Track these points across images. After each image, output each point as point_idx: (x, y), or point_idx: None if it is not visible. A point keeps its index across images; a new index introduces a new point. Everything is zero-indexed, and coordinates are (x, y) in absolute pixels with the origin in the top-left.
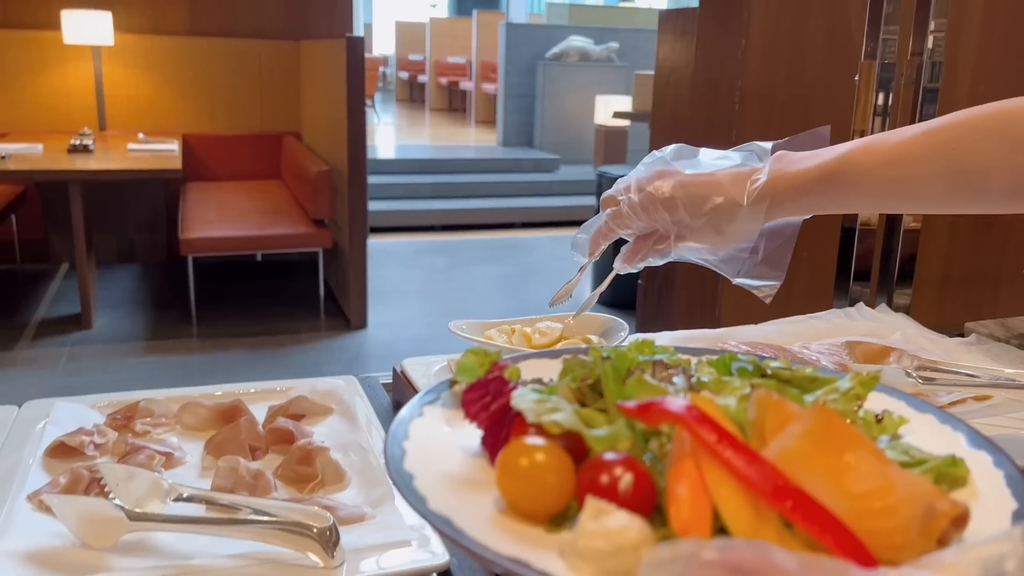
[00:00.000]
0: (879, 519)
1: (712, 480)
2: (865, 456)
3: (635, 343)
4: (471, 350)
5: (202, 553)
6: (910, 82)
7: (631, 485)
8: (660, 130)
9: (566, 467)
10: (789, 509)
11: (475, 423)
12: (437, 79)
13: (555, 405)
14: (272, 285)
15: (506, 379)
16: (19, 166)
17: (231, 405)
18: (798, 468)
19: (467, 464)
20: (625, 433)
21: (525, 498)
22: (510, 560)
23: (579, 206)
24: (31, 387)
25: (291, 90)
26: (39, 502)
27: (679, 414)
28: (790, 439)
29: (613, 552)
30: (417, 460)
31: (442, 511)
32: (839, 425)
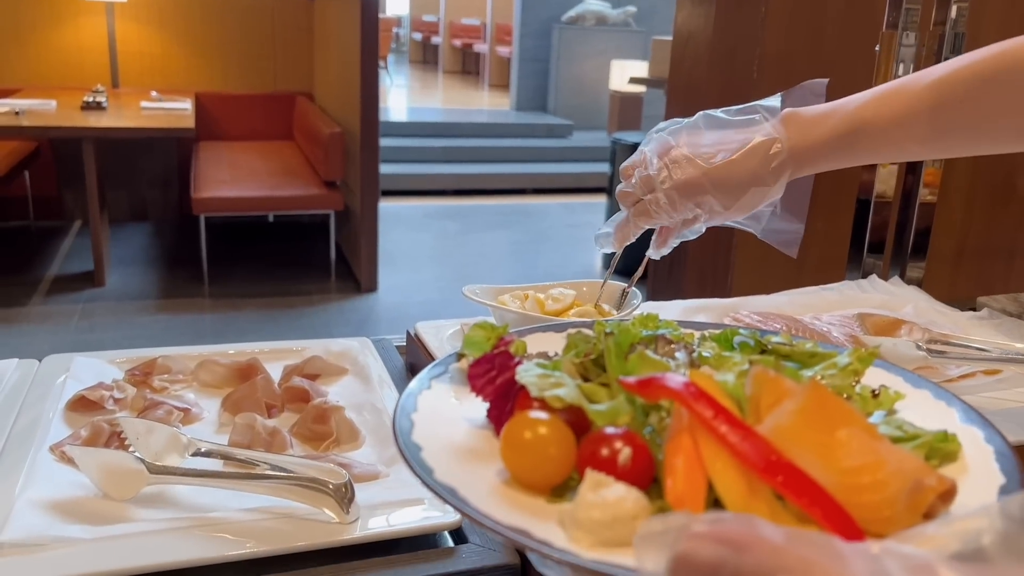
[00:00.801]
0: (868, 493)
1: (708, 454)
2: (856, 432)
3: (639, 317)
4: (478, 324)
5: (220, 506)
6: (931, 53)
7: (629, 458)
8: (676, 97)
9: (567, 440)
10: (780, 483)
11: (480, 396)
12: (451, 41)
13: (558, 380)
14: (283, 246)
15: (511, 354)
16: (33, 122)
17: (247, 363)
18: (791, 443)
19: (473, 436)
20: (625, 408)
21: (528, 470)
22: (511, 529)
23: (592, 172)
24: (45, 343)
25: (304, 50)
26: (61, 453)
27: (677, 390)
28: (784, 415)
29: (610, 522)
30: (425, 432)
31: (447, 482)
32: (832, 402)
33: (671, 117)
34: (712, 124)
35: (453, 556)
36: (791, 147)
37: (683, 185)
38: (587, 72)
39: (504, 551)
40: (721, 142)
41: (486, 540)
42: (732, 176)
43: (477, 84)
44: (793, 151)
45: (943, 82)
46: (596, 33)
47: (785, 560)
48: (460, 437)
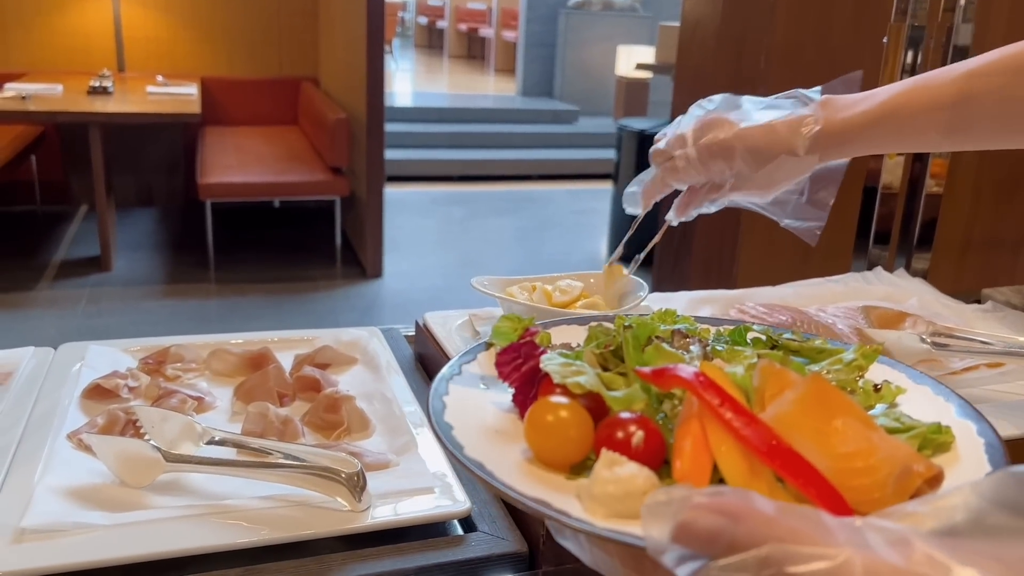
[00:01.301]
0: (859, 477)
1: (714, 438)
2: (852, 422)
3: (658, 312)
4: (506, 316)
5: (234, 494)
6: (939, 44)
7: (642, 440)
8: (684, 84)
9: (586, 423)
10: (779, 466)
11: (507, 382)
12: (456, 25)
13: (579, 368)
14: (289, 232)
15: (536, 344)
16: (39, 107)
17: (259, 352)
18: (791, 430)
19: (499, 418)
20: (640, 395)
21: (549, 449)
22: (533, 500)
23: (598, 159)
24: (52, 327)
25: (309, 34)
26: (79, 441)
27: (688, 379)
28: (785, 404)
29: (622, 497)
30: (455, 413)
31: (476, 457)
32: (831, 393)
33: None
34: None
35: (463, 544)
36: (824, 124)
37: (714, 143)
38: (593, 57)
39: (513, 540)
40: (761, 114)
41: (495, 529)
42: (763, 140)
43: (483, 69)
44: (826, 128)
45: (973, 74)
46: (603, 18)
47: (776, 530)
48: (487, 419)
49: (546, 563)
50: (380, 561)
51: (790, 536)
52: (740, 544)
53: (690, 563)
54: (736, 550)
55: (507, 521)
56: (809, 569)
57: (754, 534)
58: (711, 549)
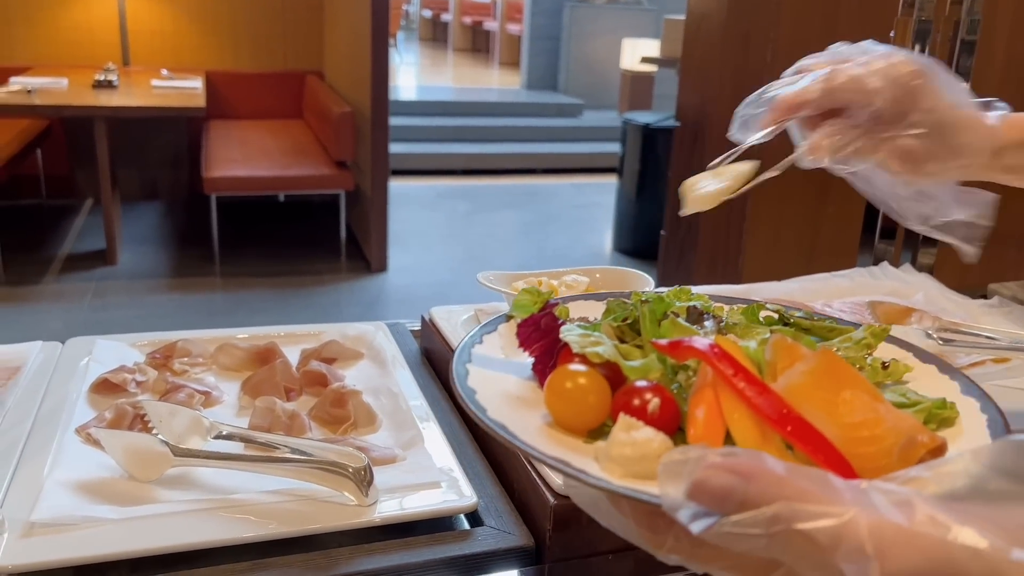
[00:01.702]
0: (865, 445)
1: (727, 406)
2: (860, 394)
3: (673, 290)
4: (526, 289)
5: (242, 488)
6: (946, 39)
7: (658, 407)
8: (689, 78)
9: (604, 390)
10: (789, 432)
11: (527, 352)
12: (461, 18)
13: (597, 339)
14: (294, 226)
15: (556, 316)
16: (45, 101)
17: (265, 347)
18: (801, 400)
19: (519, 386)
20: (656, 365)
21: (568, 414)
22: (554, 458)
23: (603, 152)
24: (59, 321)
25: (314, 28)
26: (87, 435)
27: (703, 350)
28: (796, 375)
29: (638, 459)
30: (478, 379)
31: (500, 419)
32: (840, 366)
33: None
34: None
35: (469, 539)
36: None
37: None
38: (598, 51)
39: (519, 534)
40: None
41: (502, 523)
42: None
43: (487, 62)
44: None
45: None
46: (607, 11)
47: (786, 489)
48: (508, 386)
49: (552, 557)
50: (387, 555)
51: (799, 495)
52: (751, 502)
53: (703, 519)
54: (747, 508)
55: (513, 516)
56: (816, 526)
57: (765, 493)
58: (724, 506)
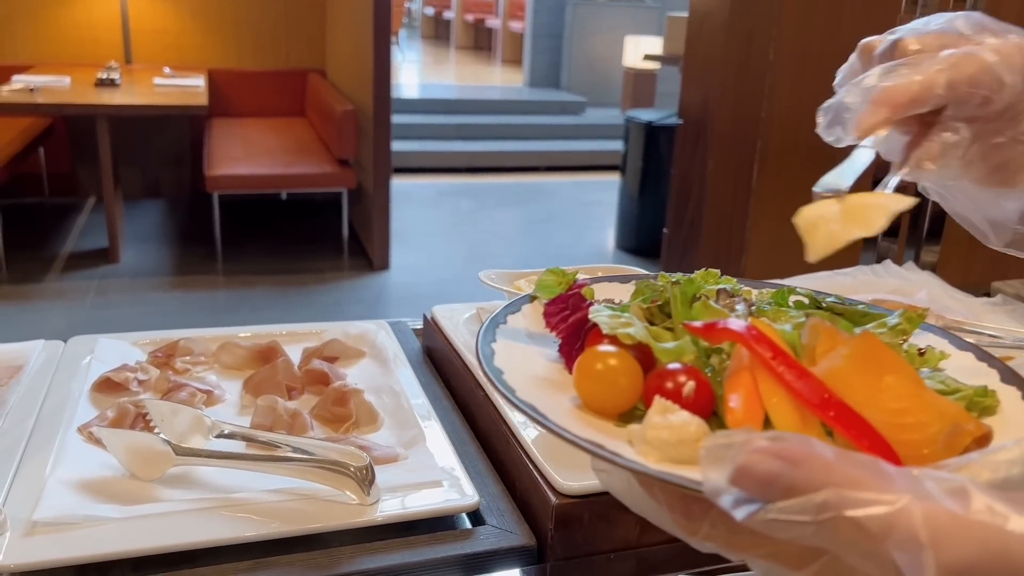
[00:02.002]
0: (909, 432)
1: (765, 390)
2: (902, 379)
3: (701, 272)
4: (550, 269)
5: (243, 487)
6: None
7: (693, 390)
8: (691, 75)
9: (636, 372)
10: (832, 418)
11: (554, 333)
12: (463, 15)
13: (628, 320)
14: (296, 224)
15: (584, 296)
16: (47, 99)
17: (267, 346)
18: (842, 385)
19: (546, 367)
20: (690, 347)
21: (599, 397)
22: (587, 441)
23: (605, 150)
24: (62, 319)
25: (316, 26)
26: (89, 434)
27: (740, 332)
28: (837, 359)
29: (675, 443)
30: (504, 359)
31: (529, 400)
32: (882, 350)
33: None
34: None
35: (471, 538)
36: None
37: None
38: (601, 48)
39: (521, 533)
40: None
41: (504, 522)
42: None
43: (490, 60)
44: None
45: None
46: (610, 8)
47: (834, 476)
48: (535, 368)
49: (554, 557)
50: (389, 554)
51: (848, 482)
52: (798, 488)
53: (747, 505)
54: (794, 494)
55: (515, 515)
56: (867, 513)
57: (812, 479)
58: (769, 492)
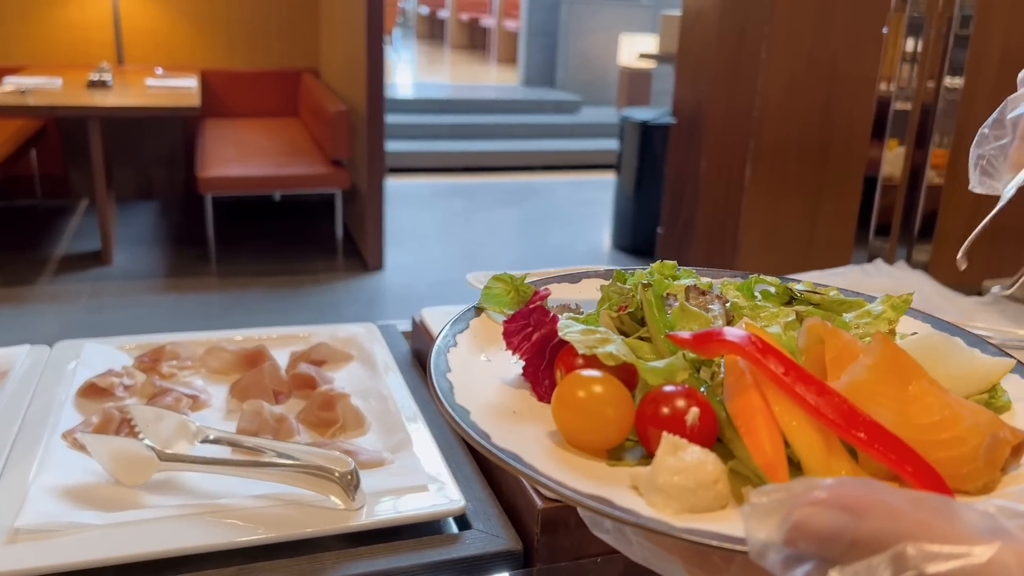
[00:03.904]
0: (947, 449)
1: (781, 413)
2: (926, 386)
3: (657, 265)
4: (496, 276)
5: (228, 493)
6: (940, 35)
7: (698, 418)
8: (685, 74)
9: (625, 400)
10: (864, 441)
11: (517, 354)
12: (458, 15)
13: (604, 336)
14: (290, 225)
15: (547, 310)
16: (39, 101)
17: (254, 350)
18: (866, 400)
19: (511, 396)
20: (682, 364)
21: (584, 431)
22: (593, 498)
23: (601, 149)
24: (55, 322)
25: (310, 26)
26: (73, 440)
27: (743, 346)
28: (860, 371)
29: (694, 488)
30: (465, 393)
31: (508, 446)
32: (901, 356)
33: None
34: None
35: (457, 542)
36: None
37: None
38: (596, 47)
39: (507, 537)
40: None
41: (490, 527)
42: None
43: (484, 59)
44: None
45: None
46: (605, 7)
47: (904, 524)
48: (498, 397)
49: (540, 561)
50: (374, 560)
51: (923, 531)
52: (863, 543)
53: (800, 566)
54: (858, 549)
55: (501, 519)
56: (953, 568)
57: (880, 531)
58: (828, 549)
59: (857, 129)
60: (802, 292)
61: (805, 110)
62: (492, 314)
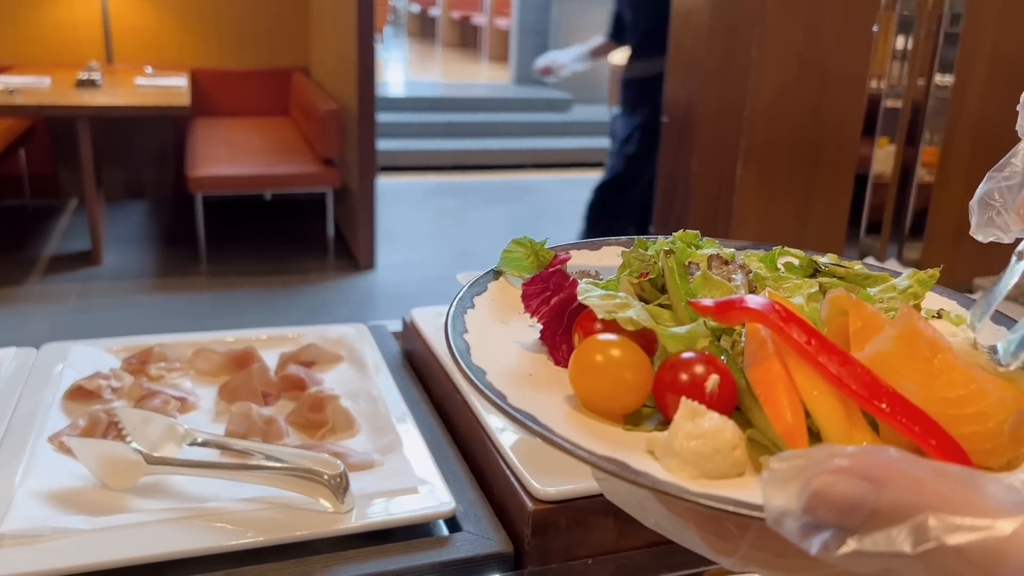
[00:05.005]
0: (971, 424)
1: (802, 382)
2: (952, 360)
3: (681, 234)
4: (516, 240)
5: (216, 496)
6: (930, 33)
7: (717, 385)
8: (676, 72)
9: (643, 365)
10: (887, 412)
11: (536, 317)
12: (449, 13)
13: (624, 301)
14: (281, 224)
15: (566, 273)
16: (27, 101)
17: (243, 351)
18: (890, 372)
19: (528, 360)
20: (703, 331)
21: (601, 396)
22: (608, 460)
23: (592, 148)
24: (44, 323)
25: (300, 24)
26: (60, 444)
27: (765, 313)
28: (884, 342)
29: (711, 454)
30: (482, 355)
31: (524, 407)
32: (925, 328)
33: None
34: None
35: (447, 545)
36: None
37: None
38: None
39: (498, 540)
40: None
41: (481, 529)
42: None
43: (476, 57)
44: None
45: None
46: (596, 4)
47: (925, 495)
48: (515, 361)
49: (531, 563)
50: (364, 563)
51: (944, 502)
52: (882, 513)
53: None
54: (878, 519)
55: (492, 521)
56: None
57: (900, 501)
58: (848, 518)
59: (848, 127)
60: (827, 265)
61: (796, 109)
62: (510, 278)
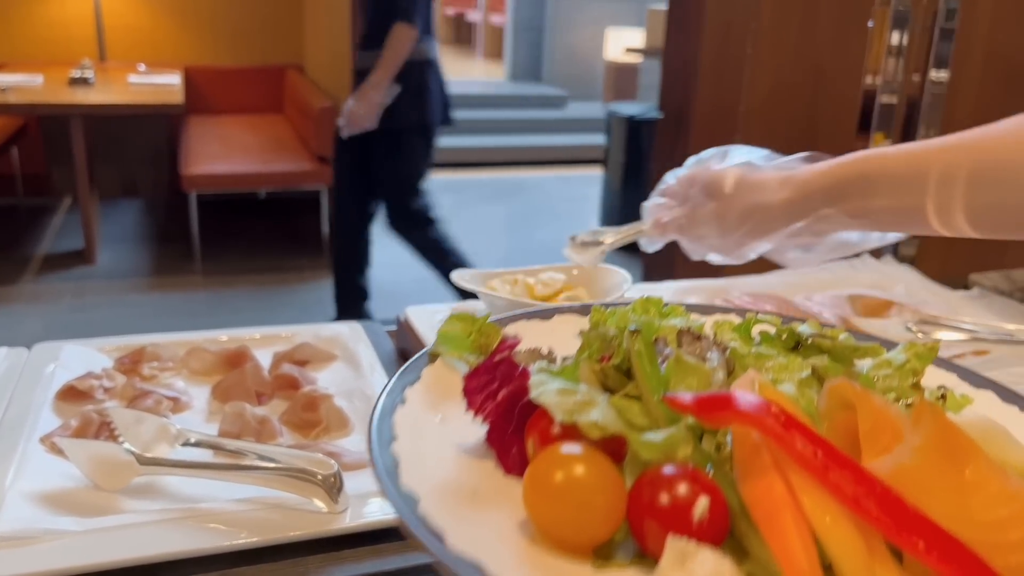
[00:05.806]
0: (1015, 553)
1: (811, 506)
2: (987, 471)
3: (639, 301)
4: (455, 315)
5: (209, 497)
6: (925, 28)
7: (707, 511)
8: (671, 70)
9: (614, 483)
10: (922, 550)
11: (479, 416)
12: (444, 9)
13: (586, 397)
14: (275, 223)
15: (515, 362)
16: (19, 99)
17: (236, 350)
18: (914, 490)
19: (471, 469)
20: (684, 436)
21: (565, 524)
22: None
23: (588, 144)
24: (37, 322)
25: (294, 21)
26: (51, 444)
27: (762, 418)
28: (905, 454)
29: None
30: (414, 470)
31: (468, 550)
32: (954, 432)
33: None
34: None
35: None
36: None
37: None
38: (582, 41)
39: None
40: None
41: None
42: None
43: (470, 54)
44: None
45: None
46: (591, 1)
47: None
48: (455, 474)
49: None
50: (358, 563)
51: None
52: None
53: None
54: None
55: None
56: None
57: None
58: None
59: (843, 123)
60: (809, 336)
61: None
62: (449, 359)
